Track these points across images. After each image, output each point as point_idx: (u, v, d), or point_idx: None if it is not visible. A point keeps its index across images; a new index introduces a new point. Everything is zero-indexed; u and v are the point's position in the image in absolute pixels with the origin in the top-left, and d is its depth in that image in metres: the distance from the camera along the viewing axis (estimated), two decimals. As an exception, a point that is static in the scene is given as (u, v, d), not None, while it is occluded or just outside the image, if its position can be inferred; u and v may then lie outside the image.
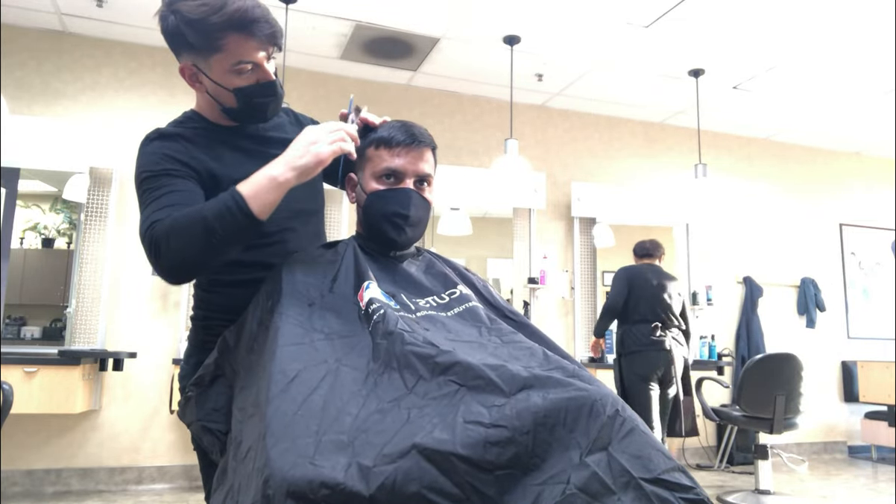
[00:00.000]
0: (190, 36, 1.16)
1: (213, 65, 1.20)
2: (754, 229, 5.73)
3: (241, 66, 1.19)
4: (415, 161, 1.25)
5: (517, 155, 4.32)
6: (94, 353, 3.80)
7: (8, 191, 3.95)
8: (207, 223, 1.07)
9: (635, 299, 3.79)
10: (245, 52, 1.18)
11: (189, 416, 1.21)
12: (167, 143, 1.22)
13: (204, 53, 1.18)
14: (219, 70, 1.20)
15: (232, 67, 1.19)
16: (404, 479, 0.79)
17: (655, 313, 3.74)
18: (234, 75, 1.20)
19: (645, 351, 3.70)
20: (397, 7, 3.78)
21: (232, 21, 1.15)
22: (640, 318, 3.75)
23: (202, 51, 1.18)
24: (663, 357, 3.67)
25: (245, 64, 1.19)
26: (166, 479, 4.02)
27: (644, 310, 3.76)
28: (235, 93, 1.22)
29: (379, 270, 1.21)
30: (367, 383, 0.96)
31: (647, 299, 3.77)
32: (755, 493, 3.97)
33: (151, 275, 4.10)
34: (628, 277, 3.85)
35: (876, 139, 5.84)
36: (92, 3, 3.80)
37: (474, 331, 1.11)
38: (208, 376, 1.19)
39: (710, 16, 3.79)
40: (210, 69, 1.21)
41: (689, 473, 0.87)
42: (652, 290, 3.79)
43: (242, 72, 1.20)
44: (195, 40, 1.17)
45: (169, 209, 1.12)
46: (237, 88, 1.21)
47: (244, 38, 1.17)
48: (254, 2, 1.18)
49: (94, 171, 4.09)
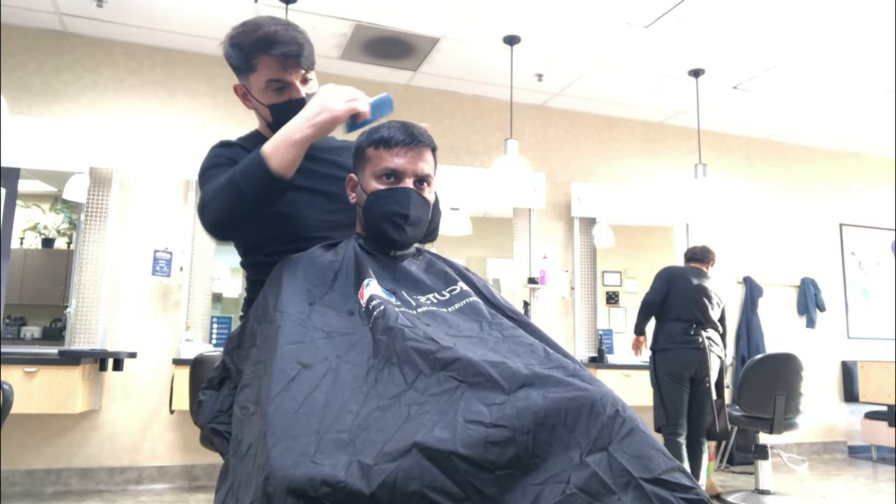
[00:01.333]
0: (233, 58, 1.34)
1: (251, 83, 1.35)
2: (754, 229, 5.74)
3: (272, 84, 1.32)
4: (414, 161, 1.26)
5: (517, 155, 4.32)
6: (94, 353, 3.80)
7: (8, 191, 3.95)
8: (236, 182, 1.19)
9: (673, 298, 3.79)
10: (273, 72, 1.31)
11: (201, 419, 1.21)
12: (225, 149, 1.37)
13: (245, 73, 1.35)
14: (256, 88, 1.34)
15: (265, 85, 1.33)
16: (405, 478, 0.79)
17: (691, 312, 3.73)
18: (269, 93, 1.33)
19: (677, 349, 3.69)
20: (397, 7, 3.78)
21: (260, 43, 1.29)
22: (676, 317, 3.75)
23: (243, 71, 1.34)
24: (696, 356, 3.65)
25: (275, 82, 1.31)
26: (166, 479, 4.02)
27: (680, 308, 3.76)
28: (270, 108, 1.35)
29: (379, 269, 1.21)
30: (367, 380, 0.96)
31: (685, 298, 3.77)
32: (755, 493, 3.97)
33: (151, 275, 4.10)
34: (669, 276, 3.88)
35: (876, 139, 5.85)
36: (92, 3, 3.80)
37: (475, 325, 1.11)
38: (217, 378, 1.20)
39: (710, 16, 3.80)
40: (251, 88, 1.36)
41: (689, 473, 0.87)
42: (690, 290, 3.78)
43: (275, 90, 1.32)
44: (236, 61, 1.34)
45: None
46: (271, 104, 1.35)
47: (271, 59, 1.30)
48: (285, 26, 1.31)
49: (94, 171, 4.09)
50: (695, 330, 3.69)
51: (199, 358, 2.49)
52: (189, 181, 4.28)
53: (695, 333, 3.68)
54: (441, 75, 4.76)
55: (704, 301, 3.76)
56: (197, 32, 4.14)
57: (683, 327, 3.71)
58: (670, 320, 3.76)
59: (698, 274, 3.89)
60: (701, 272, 3.92)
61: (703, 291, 3.78)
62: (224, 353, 1.21)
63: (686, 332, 3.69)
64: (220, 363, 1.21)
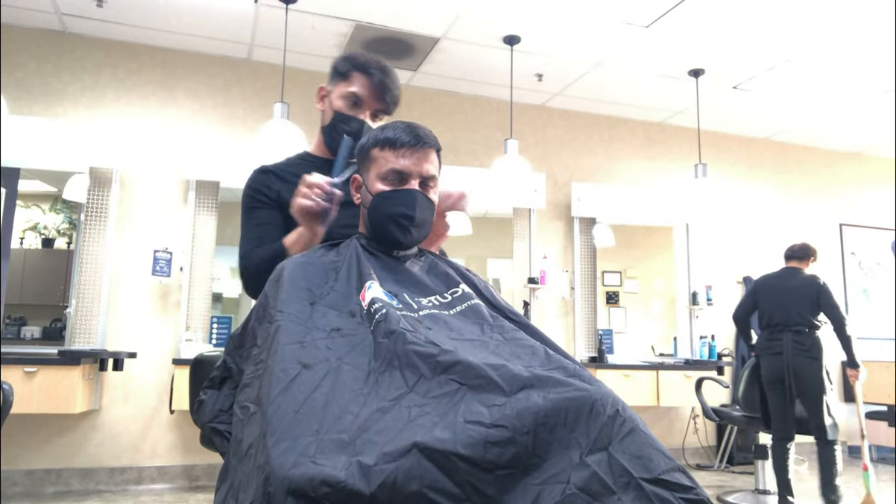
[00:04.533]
0: (337, 64, 1.58)
1: (336, 89, 1.56)
2: (754, 229, 5.74)
3: (351, 97, 1.53)
4: (419, 162, 1.26)
5: (517, 155, 4.32)
6: (94, 353, 3.80)
7: (8, 191, 3.95)
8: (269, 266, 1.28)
9: (761, 307, 3.87)
10: (360, 88, 1.53)
11: (201, 419, 1.20)
12: (260, 177, 1.55)
13: (337, 79, 1.57)
14: (336, 93, 1.55)
15: (344, 93, 1.54)
16: (405, 478, 0.79)
17: (772, 318, 3.77)
18: (343, 101, 1.54)
19: (763, 355, 3.77)
20: (397, 7, 3.78)
21: (362, 64, 1.54)
22: (764, 325, 3.83)
23: (336, 76, 1.57)
24: (776, 362, 3.68)
25: (353, 96, 1.53)
26: (166, 479, 4.02)
27: (764, 316, 3.83)
28: (335, 113, 1.55)
29: (381, 270, 1.21)
30: (368, 382, 0.96)
31: (768, 305, 3.82)
32: (755, 493, 3.97)
33: (151, 275, 4.10)
34: (755, 287, 3.98)
35: (876, 139, 5.85)
36: (92, 3, 3.80)
37: (476, 328, 1.11)
38: (218, 378, 1.19)
39: (710, 16, 3.80)
40: (333, 92, 1.57)
41: (689, 473, 0.87)
42: (773, 295, 3.82)
43: (350, 103, 1.53)
44: (338, 66, 1.57)
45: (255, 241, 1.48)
46: (337, 110, 1.54)
47: (365, 79, 1.53)
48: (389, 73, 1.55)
49: (94, 171, 4.09)
50: (776, 335, 3.71)
51: (199, 358, 2.48)
52: (189, 181, 4.28)
53: (776, 338, 3.71)
54: (441, 75, 4.76)
55: (785, 303, 3.74)
56: (197, 32, 4.14)
57: (766, 334, 3.79)
58: (762, 328, 3.85)
59: (784, 275, 3.88)
60: (787, 272, 3.89)
61: (785, 293, 3.77)
62: (225, 352, 1.21)
63: (769, 337, 3.75)
64: (221, 362, 1.20)
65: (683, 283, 5.39)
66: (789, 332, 3.68)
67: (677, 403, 4.82)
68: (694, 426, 5.22)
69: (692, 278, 5.39)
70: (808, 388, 3.61)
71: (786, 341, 3.66)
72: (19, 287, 4.06)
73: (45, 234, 4.18)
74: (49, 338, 4.03)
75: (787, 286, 3.79)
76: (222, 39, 4.22)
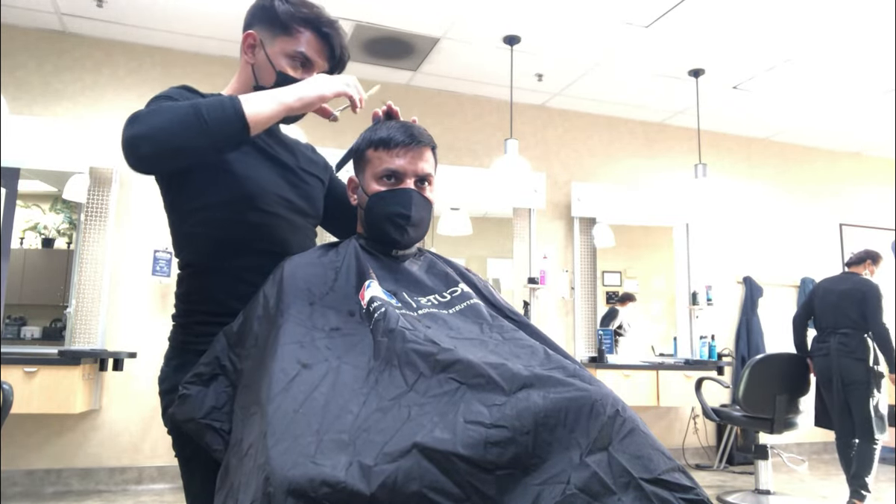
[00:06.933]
0: (279, 10, 1.29)
1: (276, 43, 1.30)
2: (754, 229, 5.74)
3: (298, 57, 1.30)
4: (415, 161, 1.25)
5: (517, 155, 4.32)
6: (94, 353, 3.80)
7: (8, 191, 3.95)
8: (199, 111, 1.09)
9: (816, 311, 4.02)
10: (308, 49, 1.30)
11: (186, 414, 1.17)
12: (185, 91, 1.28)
13: (275, 31, 1.30)
14: (278, 49, 1.30)
15: (290, 52, 1.30)
16: (405, 479, 0.79)
17: (823, 321, 3.92)
18: (287, 60, 1.30)
19: (814, 358, 3.96)
20: (397, 7, 3.78)
21: (315, 21, 1.30)
22: (817, 328, 4.00)
23: (276, 28, 1.30)
24: (823, 363, 3.86)
25: (301, 57, 1.30)
26: (166, 479, 4.02)
27: (818, 319, 3.99)
28: (278, 74, 1.30)
29: (380, 269, 1.21)
30: (367, 381, 0.96)
31: (820, 308, 3.97)
32: (755, 493, 3.97)
33: (151, 275, 4.10)
34: (812, 291, 4.15)
35: (876, 139, 5.85)
36: (92, 3, 3.80)
37: (476, 328, 1.11)
38: (207, 375, 1.18)
39: (710, 16, 3.80)
40: (272, 45, 1.31)
41: (689, 473, 0.87)
42: (825, 299, 3.96)
43: (295, 60, 1.30)
44: (278, 17, 1.29)
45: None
46: (281, 71, 1.30)
47: (315, 38, 1.31)
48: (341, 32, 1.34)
49: (94, 171, 4.09)
50: (825, 337, 3.87)
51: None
52: (189, 181, 4.28)
53: (825, 340, 3.87)
54: (441, 75, 4.76)
55: (832, 307, 3.88)
56: (197, 32, 4.14)
57: (817, 336, 3.96)
58: (817, 331, 4.01)
59: (838, 280, 4.02)
60: (842, 278, 4.04)
61: (835, 297, 3.90)
62: (215, 349, 1.19)
63: (818, 340, 3.94)
64: (210, 359, 1.19)
65: (683, 283, 5.39)
66: (836, 335, 3.81)
67: (677, 403, 4.82)
68: (694, 426, 5.22)
69: (692, 278, 5.38)
70: (854, 390, 3.71)
71: (832, 343, 3.81)
72: (19, 287, 4.06)
73: (45, 234, 4.18)
74: (49, 338, 4.03)
75: (839, 290, 3.92)
76: (222, 39, 4.22)
